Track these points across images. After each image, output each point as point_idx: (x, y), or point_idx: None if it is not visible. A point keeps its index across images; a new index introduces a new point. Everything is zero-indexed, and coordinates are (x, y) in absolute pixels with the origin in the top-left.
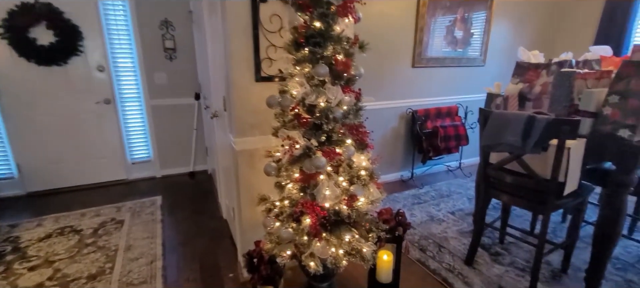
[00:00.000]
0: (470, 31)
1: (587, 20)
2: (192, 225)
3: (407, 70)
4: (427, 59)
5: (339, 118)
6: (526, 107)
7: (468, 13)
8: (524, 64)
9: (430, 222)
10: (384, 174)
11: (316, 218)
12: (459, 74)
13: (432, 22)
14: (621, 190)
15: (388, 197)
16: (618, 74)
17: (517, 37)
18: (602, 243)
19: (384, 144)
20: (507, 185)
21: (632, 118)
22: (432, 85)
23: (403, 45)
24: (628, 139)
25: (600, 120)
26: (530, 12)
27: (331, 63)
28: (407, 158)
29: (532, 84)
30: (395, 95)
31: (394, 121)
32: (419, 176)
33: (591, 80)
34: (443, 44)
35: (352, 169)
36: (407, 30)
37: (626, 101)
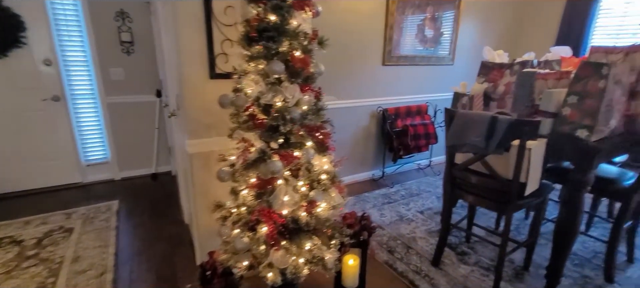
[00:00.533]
0: (440, 30)
1: (549, 21)
2: (151, 231)
3: (378, 68)
4: (397, 57)
5: (297, 119)
6: (491, 106)
7: (437, 12)
8: (488, 64)
9: (400, 222)
10: (355, 173)
11: (273, 227)
12: (429, 72)
13: (402, 20)
14: (579, 190)
15: (359, 197)
16: (576, 75)
17: (484, 36)
18: (561, 241)
19: (355, 143)
20: (472, 186)
21: (588, 118)
22: (403, 83)
23: (373, 43)
24: (585, 139)
25: (560, 121)
26: (496, 12)
27: (287, 60)
28: (378, 157)
29: (496, 83)
30: (365, 93)
31: (365, 119)
32: (390, 175)
33: (551, 80)
34: (414, 42)
35: (311, 173)
36: (377, 28)
37: (583, 102)
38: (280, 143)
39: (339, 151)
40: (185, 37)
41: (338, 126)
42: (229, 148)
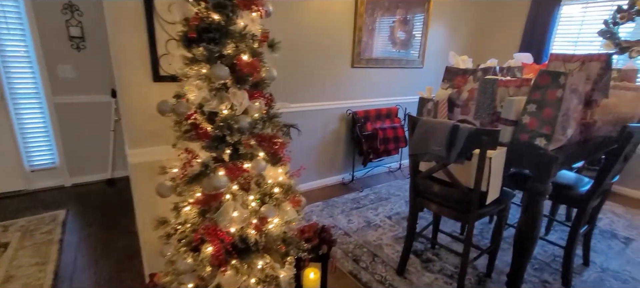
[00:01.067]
0: (412, 33)
1: (513, 27)
2: (100, 243)
3: (347, 70)
4: (366, 59)
5: (246, 128)
6: (455, 112)
7: (407, 15)
8: (453, 69)
9: (367, 229)
10: (325, 178)
11: (219, 246)
12: (399, 75)
13: (372, 22)
14: (537, 198)
15: (327, 202)
16: (535, 84)
17: (452, 40)
18: (521, 248)
19: (324, 146)
20: (435, 195)
21: (547, 127)
22: (372, 86)
23: (342, 45)
24: (543, 147)
25: (520, 129)
26: (463, 16)
27: (234, 63)
28: (348, 160)
29: (460, 89)
30: (335, 95)
31: (334, 122)
32: (360, 179)
33: (512, 87)
34: (386, 45)
35: (261, 187)
36: (345, 29)
37: (542, 110)
38: (228, 154)
39: (308, 155)
40: (123, 36)
41: (307, 129)
42: (172, 160)
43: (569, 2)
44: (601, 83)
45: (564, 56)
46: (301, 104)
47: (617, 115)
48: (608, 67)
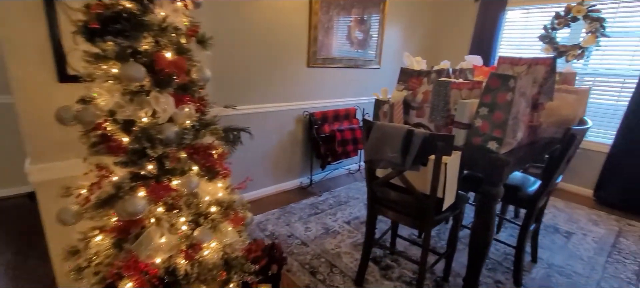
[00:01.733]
0: (369, 33)
1: (464, 29)
2: (12, 270)
3: (303, 70)
4: (323, 58)
5: (172, 139)
6: (411, 114)
7: (364, 14)
8: (407, 71)
9: (325, 236)
10: (282, 182)
11: (142, 281)
12: (357, 75)
13: (328, 20)
14: (490, 202)
15: (284, 209)
16: (486, 86)
17: (408, 41)
18: (476, 251)
19: (281, 150)
20: (392, 202)
21: (498, 130)
22: (330, 86)
23: (297, 43)
24: (495, 151)
25: (473, 132)
26: (417, 18)
27: (153, 62)
28: (306, 163)
29: (415, 91)
30: (290, 96)
31: (291, 124)
32: (319, 182)
33: (465, 90)
34: (344, 44)
35: (193, 207)
36: (300, 27)
37: (493, 114)
38: (150, 171)
39: (264, 159)
40: (11, 23)
41: (263, 132)
42: (81, 178)
43: (513, 8)
44: (546, 86)
45: (512, 59)
46: (255, 105)
47: (560, 117)
48: (552, 71)
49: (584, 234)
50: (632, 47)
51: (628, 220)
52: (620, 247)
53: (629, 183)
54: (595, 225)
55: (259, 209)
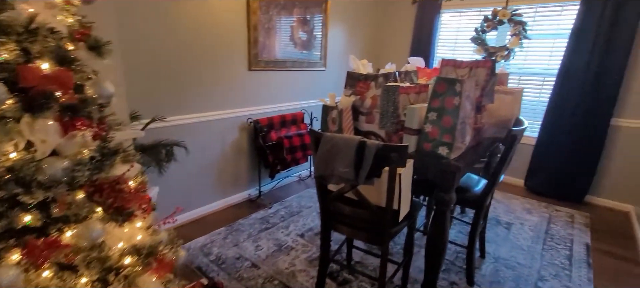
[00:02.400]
0: (313, 33)
1: (404, 31)
2: None
3: (244, 74)
4: (265, 61)
5: (59, 178)
6: (360, 120)
7: (306, 14)
8: (354, 74)
9: (278, 254)
10: (228, 196)
11: None
12: (302, 78)
13: (268, 20)
14: (444, 208)
15: (231, 227)
16: (434, 91)
17: (352, 43)
18: (433, 258)
19: (225, 161)
20: (347, 216)
21: (447, 135)
22: (274, 90)
23: (236, 46)
24: (446, 156)
25: (423, 138)
26: (360, 19)
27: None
28: (253, 174)
29: (364, 96)
30: (232, 103)
31: (234, 133)
32: (268, 193)
33: (413, 94)
34: (288, 45)
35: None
36: (239, 28)
37: (442, 118)
38: (27, 223)
39: (207, 173)
40: None
41: (203, 144)
42: None
43: (447, 11)
44: (488, 89)
45: (454, 62)
46: (192, 115)
47: (499, 117)
48: (492, 73)
49: (521, 224)
50: (549, 48)
51: (555, 206)
52: (552, 233)
53: (552, 172)
54: (529, 214)
55: (203, 230)
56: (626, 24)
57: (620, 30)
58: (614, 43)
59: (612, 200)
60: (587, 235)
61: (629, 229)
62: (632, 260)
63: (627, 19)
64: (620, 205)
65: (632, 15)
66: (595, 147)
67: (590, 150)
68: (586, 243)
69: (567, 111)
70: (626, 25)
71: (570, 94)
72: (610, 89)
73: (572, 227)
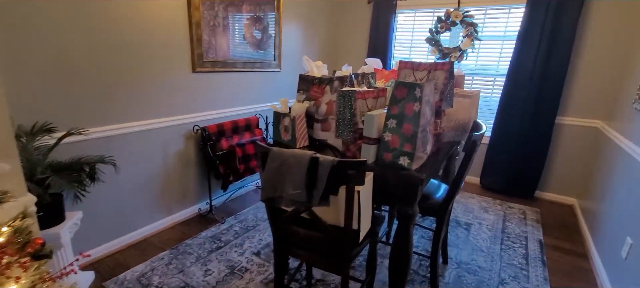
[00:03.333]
0: (267, 32)
1: (361, 30)
2: None
3: (187, 77)
4: (212, 61)
5: None
6: (315, 128)
7: (257, 11)
8: (308, 78)
9: (231, 278)
10: (176, 212)
11: None
12: (256, 79)
13: (213, 17)
14: (407, 222)
15: (177, 249)
16: (393, 97)
17: (307, 42)
18: (397, 272)
19: (168, 174)
20: (302, 239)
21: (408, 144)
22: (224, 93)
23: (176, 45)
24: (407, 167)
25: (383, 147)
26: (316, 16)
27: None
28: (203, 186)
29: (318, 102)
30: (174, 109)
31: (179, 142)
32: (221, 206)
33: (371, 99)
34: (239, 44)
35: None
36: (179, 25)
37: (402, 126)
38: None
39: (147, 188)
40: None
41: (139, 157)
42: None
43: (402, 11)
44: (447, 93)
45: (412, 64)
46: (124, 124)
47: (457, 121)
48: (451, 76)
49: (479, 223)
50: (498, 49)
51: (508, 203)
52: (508, 232)
53: (505, 170)
54: (486, 212)
55: (143, 255)
56: (566, 29)
57: (560, 35)
58: (556, 46)
59: (558, 194)
60: (539, 231)
61: (575, 222)
62: (582, 254)
63: (566, 24)
64: (565, 198)
65: (570, 20)
66: (542, 144)
67: (538, 148)
68: (539, 240)
69: (517, 111)
70: (566, 30)
71: (518, 94)
72: (554, 90)
73: (525, 224)
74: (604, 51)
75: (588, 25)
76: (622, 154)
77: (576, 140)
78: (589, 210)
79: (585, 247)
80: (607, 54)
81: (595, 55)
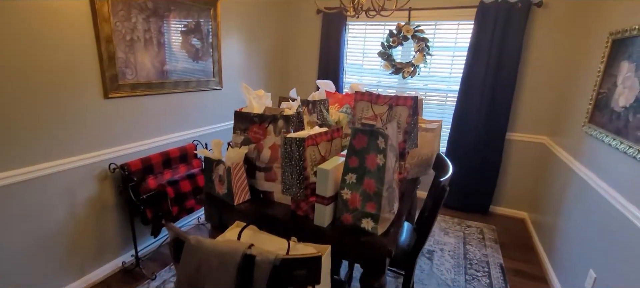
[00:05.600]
0: (205, 46)
1: (311, 41)
2: None
3: (98, 105)
4: (132, 84)
5: None
6: (258, 178)
7: (188, 20)
8: (244, 115)
9: None
10: (90, 271)
11: None
12: (192, 100)
13: (131, 29)
14: None
15: None
16: (351, 147)
17: (253, 56)
18: None
19: (76, 227)
20: None
21: (371, 204)
22: (150, 120)
23: (79, 67)
24: (372, 231)
25: (341, 208)
26: (262, 28)
27: None
28: (126, 234)
29: (260, 145)
30: (84, 145)
31: (91, 186)
32: (153, 254)
33: (323, 143)
34: (171, 61)
35: None
36: (81, 43)
37: (363, 182)
38: None
39: (41, 248)
40: None
41: (31, 210)
42: None
43: (352, 23)
44: (413, 134)
45: (370, 96)
46: (7, 173)
47: (421, 157)
48: (415, 112)
49: (441, 249)
50: (449, 65)
51: (466, 222)
52: (470, 257)
53: (461, 187)
54: (446, 235)
55: None
56: (512, 46)
57: (508, 51)
58: (504, 63)
59: (510, 209)
60: (498, 253)
61: (529, 238)
62: (541, 278)
63: (513, 41)
64: (517, 212)
65: (516, 39)
66: (495, 160)
67: (491, 164)
68: (500, 263)
69: (469, 127)
70: (512, 46)
71: (470, 111)
72: (504, 106)
73: (484, 246)
74: (546, 70)
75: (532, 44)
76: (574, 177)
77: (524, 155)
78: (540, 224)
79: (543, 268)
80: (549, 73)
81: (538, 74)
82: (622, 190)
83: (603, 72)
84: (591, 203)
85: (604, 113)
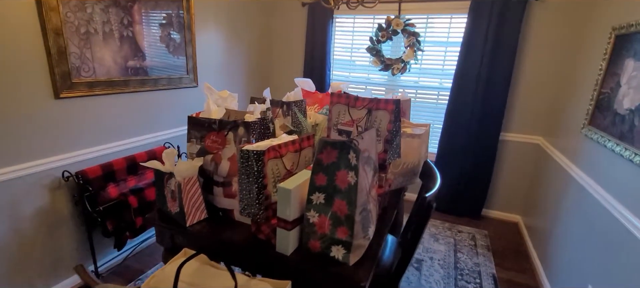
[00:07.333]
0: (176, 40)
1: (298, 34)
2: None
3: (48, 106)
4: (88, 82)
5: None
6: (216, 194)
7: (154, 10)
8: (199, 121)
9: None
10: None
11: None
12: (163, 99)
13: (87, 20)
14: None
15: None
16: (317, 162)
17: (234, 51)
18: None
19: (24, 244)
20: None
21: (342, 229)
22: (112, 122)
23: (23, 63)
24: (343, 261)
25: (307, 233)
26: (241, 19)
27: None
28: (84, 248)
29: (218, 156)
30: (31, 152)
31: (40, 197)
32: (118, 268)
33: (290, 154)
34: (137, 56)
35: None
36: (23, 35)
37: (332, 202)
38: None
39: None
40: None
41: None
42: None
43: (339, 16)
44: (395, 143)
45: (348, 98)
46: None
47: (406, 165)
48: (397, 118)
49: (431, 258)
50: (441, 62)
51: (458, 226)
52: (461, 266)
53: (452, 189)
54: (436, 242)
55: None
56: (507, 41)
57: (503, 47)
58: (498, 59)
59: (503, 212)
60: (491, 262)
61: (522, 244)
62: None
63: (508, 36)
64: (510, 216)
65: (511, 34)
66: (488, 162)
67: (484, 165)
68: (493, 273)
69: (462, 127)
70: (508, 42)
71: (463, 109)
72: (497, 106)
73: (476, 254)
74: (543, 66)
75: (529, 39)
76: (572, 182)
77: (518, 157)
78: (534, 229)
79: (537, 278)
80: (547, 70)
81: (535, 71)
82: (626, 202)
83: (605, 70)
84: (591, 213)
85: (606, 115)
